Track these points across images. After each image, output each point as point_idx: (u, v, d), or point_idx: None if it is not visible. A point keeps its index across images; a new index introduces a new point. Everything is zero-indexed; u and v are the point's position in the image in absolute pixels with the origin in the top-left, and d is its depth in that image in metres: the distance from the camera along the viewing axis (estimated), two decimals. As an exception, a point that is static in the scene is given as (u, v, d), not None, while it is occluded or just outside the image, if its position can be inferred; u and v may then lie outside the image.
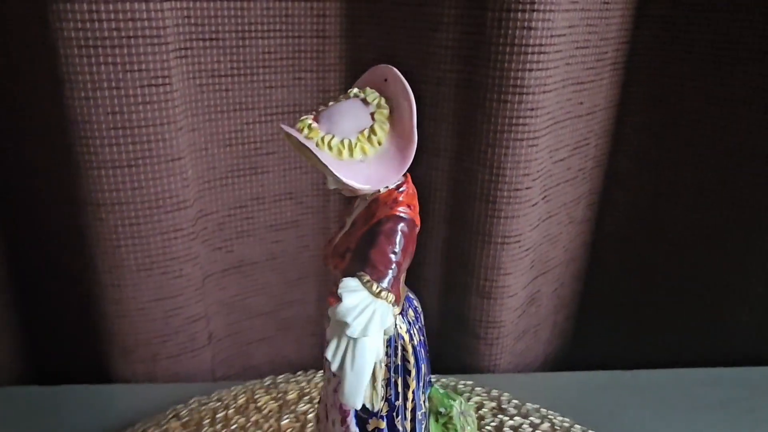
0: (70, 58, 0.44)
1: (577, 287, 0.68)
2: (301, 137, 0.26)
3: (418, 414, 0.31)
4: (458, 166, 0.52)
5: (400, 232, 0.27)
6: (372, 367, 0.26)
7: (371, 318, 0.25)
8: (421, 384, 0.30)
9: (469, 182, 0.52)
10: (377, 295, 0.26)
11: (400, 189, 0.28)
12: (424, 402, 0.31)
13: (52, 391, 0.52)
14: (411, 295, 0.32)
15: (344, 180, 0.26)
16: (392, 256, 0.27)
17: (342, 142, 0.26)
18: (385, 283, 0.26)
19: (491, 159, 0.50)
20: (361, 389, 0.25)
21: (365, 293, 0.26)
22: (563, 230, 0.61)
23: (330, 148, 0.26)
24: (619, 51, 0.58)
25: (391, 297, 0.26)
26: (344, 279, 0.26)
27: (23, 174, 0.53)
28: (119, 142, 0.47)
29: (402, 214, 0.27)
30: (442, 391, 0.33)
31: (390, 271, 0.26)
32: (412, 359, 0.29)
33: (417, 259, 0.58)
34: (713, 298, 0.60)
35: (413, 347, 0.30)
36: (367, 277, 0.26)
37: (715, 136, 0.58)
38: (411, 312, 0.31)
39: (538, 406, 0.49)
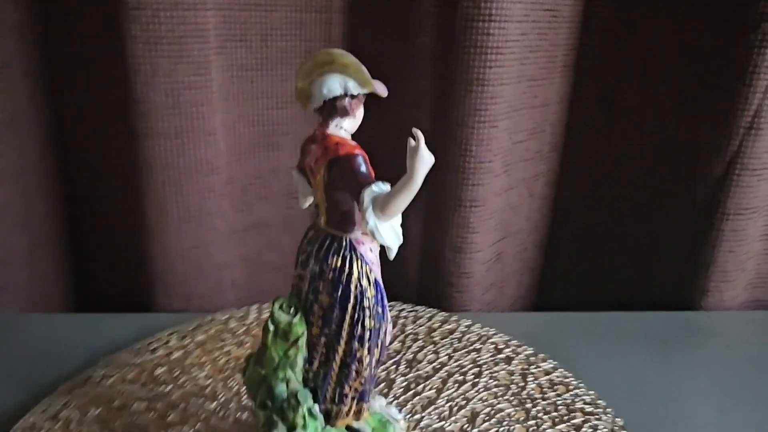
0: (135, 52, 0.58)
1: (540, 253, 0.81)
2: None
3: None
4: (435, 143, 0.65)
5: None
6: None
7: None
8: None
9: (444, 156, 0.65)
10: None
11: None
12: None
13: (99, 317, 0.64)
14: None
15: None
16: None
17: None
18: None
19: (460, 137, 0.64)
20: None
21: None
22: (524, 202, 0.74)
23: None
24: (568, 55, 0.71)
25: None
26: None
27: (88, 143, 0.67)
28: (170, 118, 0.61)
29: None
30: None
31: None
32: None
33: (401, 220, 0.71)
34: (644, 257, 0.73)
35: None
36: None
37: (646, 127, 0.71)
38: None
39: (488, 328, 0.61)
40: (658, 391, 0.54)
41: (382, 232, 0.34)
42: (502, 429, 0.47)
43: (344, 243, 0.36)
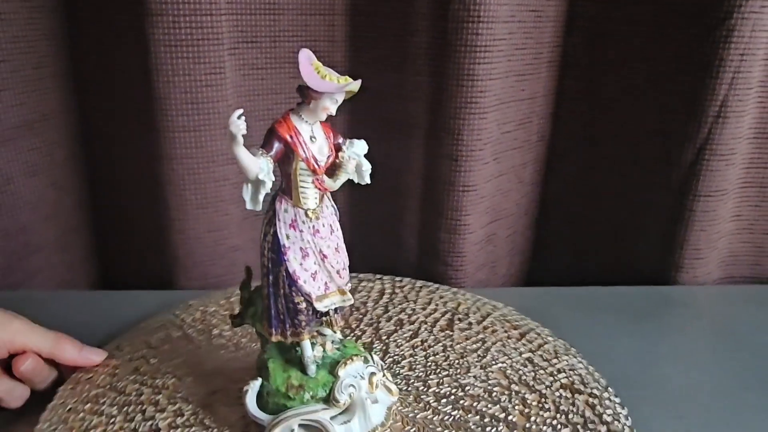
0: (158, 53, 0.64)
1: (530, 235, 0.87)
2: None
3: None
4: (430, 133, 0.72)
5: None
6: None
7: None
8: None
9: (438, 145, 0.71)
10: None
11: None
12: None
13: (125, 294, 0.70)
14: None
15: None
16: None
17: None
18: None
19: (453, 127, 0.70)
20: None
21: None
22: (513, 187, 0.80)
23: None
24: (554, 52, 0.77)
25: None
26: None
27: (114, 138, 0.73)
28: (188, 113, 0.67)
29: None
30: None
31: None
32: None
33: (400, 203, 0.77)
34: (624, 238, 0.79)
35: None
36: None
37: (627, 119, 0.77)
38: None
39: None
40: (636, 356, 0.60)
41: (244, 186, 0.41)
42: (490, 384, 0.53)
43: (276, 198, 0.43)
